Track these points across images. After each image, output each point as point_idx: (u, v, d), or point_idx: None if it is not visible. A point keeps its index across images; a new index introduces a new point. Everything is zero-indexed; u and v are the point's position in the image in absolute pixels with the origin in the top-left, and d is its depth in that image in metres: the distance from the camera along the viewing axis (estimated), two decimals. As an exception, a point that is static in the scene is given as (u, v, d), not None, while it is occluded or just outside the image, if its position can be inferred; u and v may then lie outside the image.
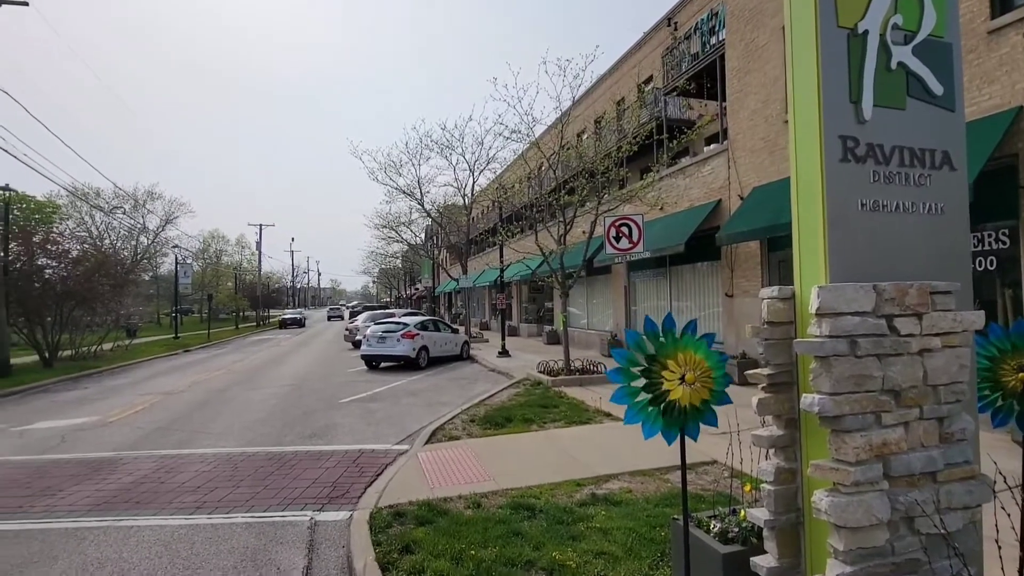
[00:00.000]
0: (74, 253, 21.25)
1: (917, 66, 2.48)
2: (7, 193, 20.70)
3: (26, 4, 16.72)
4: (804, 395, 2.23)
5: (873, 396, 2.18)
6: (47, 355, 18.43)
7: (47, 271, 19.22)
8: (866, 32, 2.40)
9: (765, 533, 2.51)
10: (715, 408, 2.63)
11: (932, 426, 2.28)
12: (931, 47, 2.50)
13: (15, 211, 27.63)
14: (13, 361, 16.43)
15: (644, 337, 2.51)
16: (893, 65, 2.47)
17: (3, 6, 16.41)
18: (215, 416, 9.71)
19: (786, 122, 11.49)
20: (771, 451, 2.55)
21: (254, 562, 4.07)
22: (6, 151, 16.91)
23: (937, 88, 2.51)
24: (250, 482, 5.93)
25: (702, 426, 2.64)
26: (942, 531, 2.16)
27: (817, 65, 2.34)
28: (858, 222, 2.35)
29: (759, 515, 2.52)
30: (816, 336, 2.20)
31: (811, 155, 2.38)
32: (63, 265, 19.67)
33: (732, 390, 2.70)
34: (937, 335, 2.28)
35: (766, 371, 2.49)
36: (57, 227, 29.19)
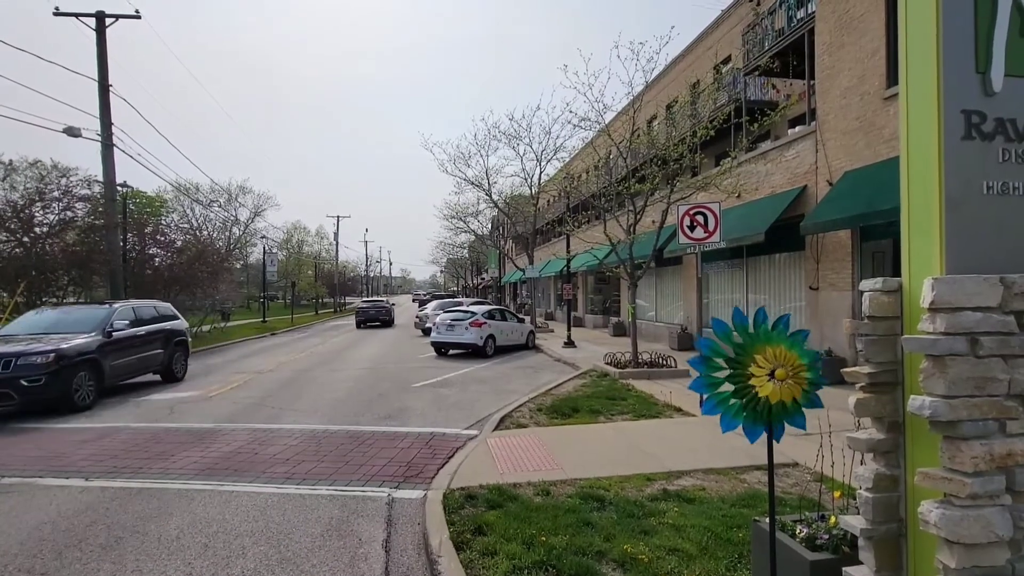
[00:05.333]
0: (178, 243, 23.54)
1: (1061, 28, 2.17)
2: (125, 189, 23.17)
3: (138, 17, 18.51)
4: (912, 397, 2.05)
5: (997, 401, 1.96)
6: (157, 335, 20.57)
7: (156, 259, 21.43)
8: (998, -8, 2.13)
9: (861, 543, 2.34)
10: (805, 408, 2.48)
11: (1069, 437, 2.02)
12: (1080, 5, 2.18)
13: (130, 205, 30.87)
14: (130, 339, 18.44)
15: (733, 328, 2.40)
16: (1030, 28, 2.17)
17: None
18: (300, 395, 10.43)
19: (885, 100, 10.52)
20: (869, 456, 2.37)
21: (339, 532, 4.35)
22: (123, 151, 18.89)
23: (1086, 52, 2.18)
24: (333, 457, 6.33)
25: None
26: (1079, 555, 1.92)
27: (937, 32, 2.10)
28: (982, 207, 2.11)
29: (855, 523, 2.36)
30: (929, 332, 2.01)
31: (927, 133, 2.15)
32: (169, 254, 21.86)
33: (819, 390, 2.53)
34: (1079, 335, 2.01)
35: (866, 369, 2.31)
36: (164, 219, 32.36)
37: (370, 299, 35.61)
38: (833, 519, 2.74)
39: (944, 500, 1.98)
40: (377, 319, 30.46)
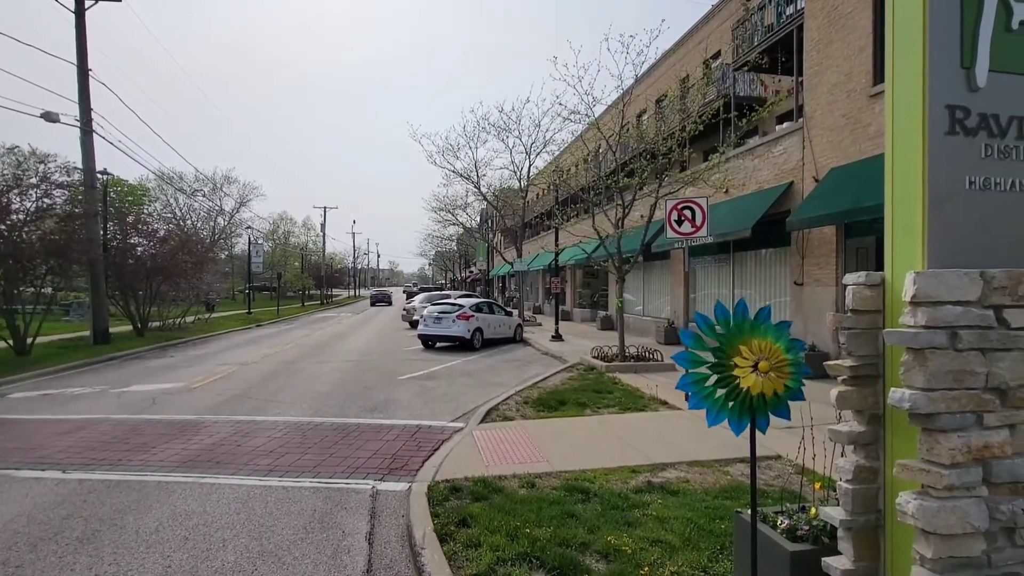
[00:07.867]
0: (161, 233, 23.08)
1: (1045, 24, 2.18)
2: (105, 177, 22.65)
3: (119, 0, 18.02)
4: (893, 390, 2.06)
5: (975, 394, 1.98)
6: (139, 325, 20.24)
7: (139, 248, 20.99)
8: (984, -12, 2.14)
9: (840, 533, 2.37)
10: (789, 400, 2.50)
11: (1044, 430, 2.05)
12: (1064, 2, 2.19)
13: (111, 193, 30.21)
14: (110, 330, 18.10)
15: (715, 321, 2.40)
16: (1015, 24, 2.19)
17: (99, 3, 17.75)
18: (285, 386, 10.32)
19: (871, 97, 10.60)
20: (850, 448, 2.39)
21: (322, 524, 4.31)
22: (103, 138, 18.47)
23: (1069, 49, 2.20)
24: (317, 449, 6.27)
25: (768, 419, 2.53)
26: (1051, 545, 1.96)
27: (923, 27, 2.10)
28: (965, 202, 2.12)
29: (834, 514, 2.38)
30: (910, 326, 2.02)
31: (911, 128, 2.16)
32: (152, 243, 21.42)
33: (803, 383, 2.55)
34: (1056, 329, 2.03)
35: (848, 362, 2.33)
36: (147, 208, 31.74)
37: (378, 288, 64.11)
38: (813, 510, 2.77)
39: (922, 491, 2.00)
40: (383, 300, 50.66)
